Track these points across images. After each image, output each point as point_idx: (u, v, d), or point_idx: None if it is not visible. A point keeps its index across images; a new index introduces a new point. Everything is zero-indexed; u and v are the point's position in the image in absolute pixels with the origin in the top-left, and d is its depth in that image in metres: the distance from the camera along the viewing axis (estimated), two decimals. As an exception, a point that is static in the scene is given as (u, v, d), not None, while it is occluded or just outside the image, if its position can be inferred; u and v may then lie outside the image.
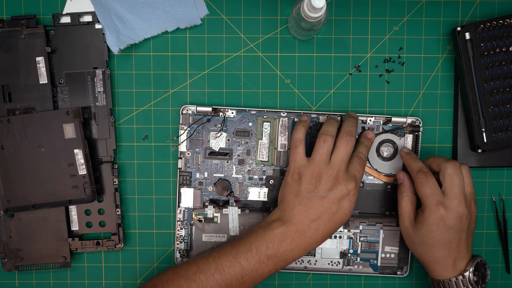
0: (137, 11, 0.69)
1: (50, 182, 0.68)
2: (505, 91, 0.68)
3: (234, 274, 0.61)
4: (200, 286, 0.61)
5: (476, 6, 0.71)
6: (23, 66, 0.68)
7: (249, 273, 0.61)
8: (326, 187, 0.62)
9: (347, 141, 0.63)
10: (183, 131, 0.70)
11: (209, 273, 0.61)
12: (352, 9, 0.71)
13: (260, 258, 0.61)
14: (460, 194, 0.62)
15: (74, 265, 0.72)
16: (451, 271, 0.64)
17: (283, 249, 0.61)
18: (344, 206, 0.62)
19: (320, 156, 0.63)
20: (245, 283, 0.62)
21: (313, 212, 0.62)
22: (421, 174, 0.64)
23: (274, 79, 0.72)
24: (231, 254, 0.62)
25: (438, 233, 0.62)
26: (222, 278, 0.61)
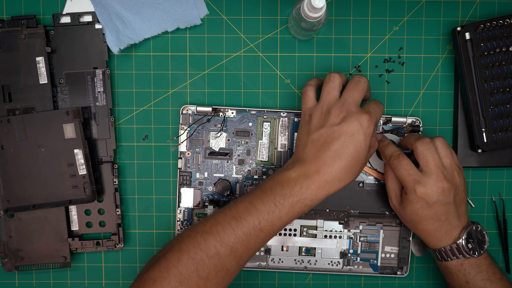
0: (137, 11, 0.69)
1: (50, 182, 0.68)
2: (505, 91, 0.68)
3: (250, 220, 0.58)
4: (217, 238, 0.58)
5: (476, 6, 0.71)
6: (23, 66, 0.68)
7: (265, 217, 0.58)
8: (336, 120, 0.59)
9: (358, 78, 0.61)
10: (183, 131, 0.70)
11: (226, 222, 0.58)
12: (352, 9, 0.71)
13: (276, 199, 0.58)
14: (436, 168, 0.61)
15: (74, 265, 0.72)
16: (445, 241, 0.63)
17: (299, 187, 0.58)
18: (358, 139, 0.59)
19: (328, 92, 0.61)
20: (262, 229, 0.58)
21: (325, 147, 0.59)
22: (393, 159, 0.63)
23: (274, 79, 0.72)
24: (247, 200, 0.59)
25: (422, 210, 0.62)
26: (239, 226, 0.58)
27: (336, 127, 0.59)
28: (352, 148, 0.59)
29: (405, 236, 0.71)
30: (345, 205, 0.71)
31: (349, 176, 0.59)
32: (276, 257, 0.72)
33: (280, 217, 0.58)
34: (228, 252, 0.58)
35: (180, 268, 0.57)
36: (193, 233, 0.59)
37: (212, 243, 0.58)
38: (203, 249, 0.58)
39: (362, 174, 0.71)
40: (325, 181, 0.58)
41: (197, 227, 0.60)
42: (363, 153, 0.59)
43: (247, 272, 0.73)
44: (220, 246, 0.58)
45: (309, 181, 0.58)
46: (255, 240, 0.59)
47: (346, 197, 0.71)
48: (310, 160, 0.59)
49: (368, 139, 0.59)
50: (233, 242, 0.58)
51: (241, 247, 0.58)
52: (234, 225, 0.58)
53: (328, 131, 0.59)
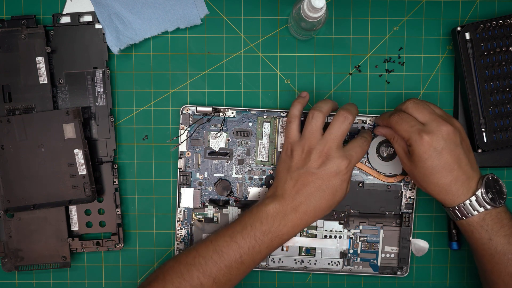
0: (137, 11, 0.69)
1: (50, 182, 0.68)
2: (505, 91, 0.68)
3: (232, 253, 0.61)
4: (200, 270, 0.61)
5: (476, 6, 0.71)
6: (23, 66, 0.68)
7: (246, 251, 0.61)
8: (316, 163, 0.61)
9: (343, 118, 0.62)
10: (183, 131, 0.70)
11: (208, 255, 0.61)
12: (352, 9, 0.71)
13: (256, 235, 0.61)
14: (434, 115, 0.61)
15: (74, 265, 0.72)
16: (462, 195, 0.61)
17: (277, 224, 0.61)
18: (335, 184, 0.61)
19: (310, 131, 0.62)
20: (244, 263, 0.61)
21: (303, 188, 0.61)
22: (394, 116, 0.63)
23: (274, 79, 0.72)
24: (227, 234, 0.62)
25: (432, 160, 0.60)
26: (221, 259, 0.61)
27: (315, 170, 0.61)
28: (328, 192, 0.62)
29: (405, 236, 0.71)
30: (345, 205, 0.71)
31: (324, 212, 0.63)
32: (276, 257, 0.72)
33: (260, 251, 0.62)
34: (211, 283, 0.61)
35: None
36: (176, 264, 0.62)
37: (195, 274, 0.61)
38: (187, 279, 0.61)
39: (362, 174, 0.71)
40: (300, 219, 0.62)
41: (180, 258, 0.63)
42: (340, 195, 0.63)
43: (247, 272, 0.73)
44: (203, 277, 0.61)
45: (286, 219, 0.61)
46: (237, 272, 0.62)
47: (346, 197, 0.71)
48: (287, 197, 0.62)
49: (345, 183, 0.62)
50: (216, 274, 0.61)
51: (223, 278, 0.61)
52: (216, 258, 0.61)
53: (307, 174, 0.62)
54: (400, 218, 0.71)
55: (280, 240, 0.62)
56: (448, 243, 0.73)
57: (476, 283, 0.73)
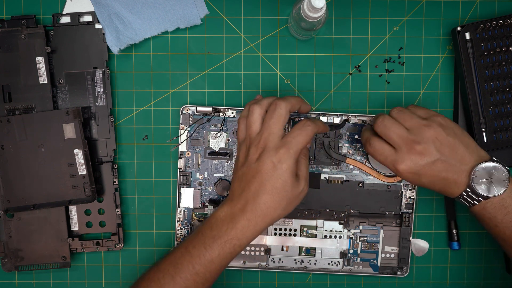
0: (137, 11, 0.69)
1: (50, 182, 0.68)
2: (505, 91, 0.68)
3: (185, 264, 0.59)
4: (158, 284, 0.60)
5: (476, 6, 0.71)
6: (23, 66, 0.68)
7: (198, 261, 0.59)
8: (254, 157, 0.59)
9: (274, 105, 0.59)
10: (183, 131, 0.70)
11: (165, 269, 0.60)
12: (352, 9, 0.71)
13: (205, 241, 0.59)
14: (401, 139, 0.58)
15: (74, 265, 0.72)
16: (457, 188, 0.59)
17: (225, 228, 0.59)
18: (274, 176, 0.58)
19: (249, 126, 0.61)
20: (198, 274, 0.59)
21: (246, 186, 0.59)
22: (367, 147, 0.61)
23: (274, 79, 0.72)
24: (183, 245, 0.61)
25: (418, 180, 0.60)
26: (176, 271, 0.59)
27: (253, 164, 0.59)
28: (270, 186, 0.58)
29: (405, 236, 0.71)
30: (345, 205, 0.71)
31: (274, 211, 0.59)
32: (276, 257, 0.72)
33: (211, 260, 0.59)
34: None
35: None
36: (139, 280, 0.62)
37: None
38: None
39: (362, 174, 0.71)
40: (249, 220, 0.59)
41: (143, 274, 0.63)
42: (285, 188, 0.58)
43: (247, 272, 0.73)
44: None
45: (234, 221, 0.59)
46: (194, 285, 0.60)
47: (346, 197, 0.71)
48: (236, 199, 0.60)
49: (288, 172, 0.58)
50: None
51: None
52: (172, 271, 0.60)
53: (247, 169, 0.59)
54: (400, 218, 0.71)
55: (231, 246, 0.59)
56: (448, 243, 0.73)
57: (476, 283, 0.74)
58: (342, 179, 0.71)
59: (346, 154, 0.71)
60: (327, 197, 0.71)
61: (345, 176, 0.71)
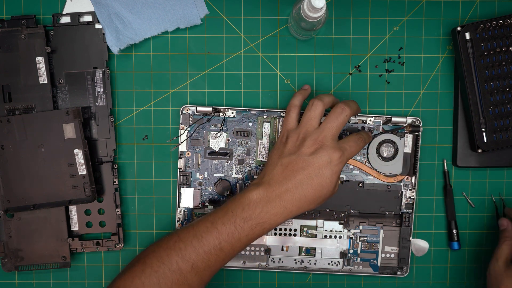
0: (137, 11, 0.69)
1: (50, 182, 0.68)
2: (505, 91, 0.68)
3: (211, 239, 0.60)
4: (179, 254, 0.60)
5: (476, 6, 0.71)
6: (23, 66, 0.68)
7: (225, 238, 0.60)
8: (308, 150, 0.60)
9: (341, 109, 0.62)
10: (183, 131, 0.70)
11: (188, 240, 0.60)
12: (352, 9, 0.71)
13: (236, 221, 0.60)
14: None
15: (74, 265, 0.72)
16: None
17: (258, 211, 0.60)
18: (325, 174, 0.60)
19: (308, 118, 0.62)
20: (222, 249, 0.60)
21: (291, 174, 0.60)
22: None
23: (274, 79, 0.72)
24: (209, 220, 0.61)
25: None
26: (200, 244, 0.60)
27: (306, 157, 0.60)
28: (316, 182, 0.60)
29: (405, 236, 0.71)
30: (345, 205, 0.71)
31: (309, 205, 0.61)
32: (276, 257, 0.72)
33: (239, 239, 0.60)
34: (189, 268, 0.60)
35: (143, 279, 0.60)
36: (157, 248, 0.62)
37: (174, 259, 0.60)
38: (166, 264, 0.60)
39: (362, 174, 0.71)
40: (284, 208, 0.60)
41: (161, 242, 0.62)
42: (328, 188, 0.61)
43: (247, 272, 0.73)
44: (182, 262, 0.60)
45: (269, 206, 0.60)
46: (216, 259, 0.61)
47: (346, 197, 0.71)
48: (274, 184, 0.60)
49: (335, 176, 0.61)
50: (194, 259, 0.60)
51: (202, 264, 0.60)
52: (195, 243, 0.60)
53: (298, 159, 0.60)
54: (400, 218, 0.71)
55: (261, 229, 0.60)
56: (448, 243, 0.73)
57: (476, 283, 0.73)
58: (342, 179, 0.71)
59: (346, 154, 0.71)
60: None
61: (345, 176, 0.71)
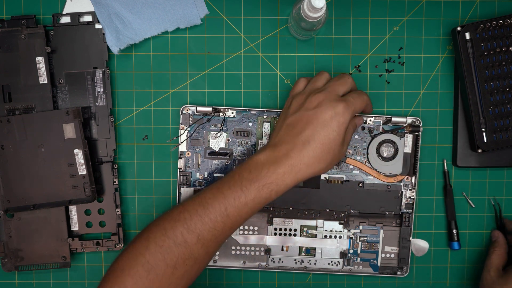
0: (137, 11, 0.69)
1: (50, 182, 0.68)
2: (505, 91, 0.68)
3: (217, 205, 0.58)
4: (184, 225, 0.58)
5: (476, 6, 0.71)
6: (23, 66, 0.68)
7: (232, 203, 0.58)
8: (311, 104, 0.59)
9: (343, 75, 0.62)
10: (183, 131, 0.70)
11: (193, 209, 0.59)
12: (352, 9, 0.71)
13: (243, 184, 0.58)
14: None
15: (74, 265, 0.72)
16: None
17: (265, 171, 0.58)
18: (331, 126, 0.58)
19: (313, 81, 0.62)
20: (229, 216, 0.58)
21: (297, 131, 0.59)
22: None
23: (274, 79, 0.72)
24: (215, 186, 0.60)
25: None
26: (206, 212, 0.58)
27: (310, 111, 0.59)
28: (323, 135, 0.58)
29: (405, 236, 0.71)
30: (345, 205, 0.71)
31: (318, 163, 0.59)
32: (276, 257, 0.72)
33: (246, 203, 0.58)
34: (195, 240, 0.58)
35: (148, 256, 0.58)
36: (161, 221, 0.60)
37: (179, 230, 0.58)
38: (170, 237, 0.58)
39: (362, 174, 0.71)
40: (292, 165, 0.58)
41: (165, 214, 0.60)
42: (335, 142, 0.59)
43: (247, 272, 0.73)
44: (187, 233, 0.58)
45: (276, 165, 0.58)
46: (222, 228, 0.58)
47: (346, 197, 0.71)
48: (281, 144, 0.59)
49: (342, 128, 0.59)
50: (200, 229, 0.58)
51: (208, 234, 0.58)
52: (201, 212, 0.58)
53: (302, 115, 0.59)
54: (400, 218, 0.71)
55: (268, 191, 0.58)
56: (448, 243, 0.73)
57: (476, 283, 0.73)
58: (342, 179, 0.71)
59: (346, 154, 0.71)
60: (327, 197, 0.71)
61: (345, 176, 0.71)
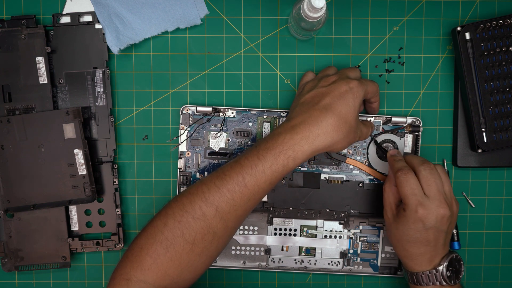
0: (137, 11, 0.69)
1: (50, 182, 0.68)
2: (505, 91, 0.68)
3: (234, 176, 0.58)
4: (202, 198, 0.58)
5: (476, 6, 0.71)
6: (23, 66, 0.68)
7: (249, 171, 0.58)
8: (327, 82, 0.61)
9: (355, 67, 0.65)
10: (183, 131, 0.70)
11: (211, 182, 0.59)
12: (352, 9, 0.71)
13: (259, 152, 0.58)
14: (439, 194, 0.61)
15: (74, 265, 0.72)
16: (425, 266, 0.63)
17: (282, 139, 0.58)
18: (347, 97, 0.59)
19: (324, 70, 0.66)
20: (247, 186, 0.58)
21: (313, 104, 0.60)
22: (401, 174, 0.62)
23: (274, 79, 0.72)
24: (234, 160, 0.60)
25: (415, 232, 0.61)
26: (223, 183, 0.58)
27: (325, 88, 0.61)
28: (340, 104, 0.59)
29: (405, 236, 0.71)
30: (345, 205, 0.71)
31: (336, 132, 0.59)
32: (276, 257, 0.72)
33: (263, 171, 0.58)
34: (213, 212, 0.58)
35: (166, 233, 0.58)
36: (179, 197, 0.60)
37: (197, 204, 0.58)
38: (189, 211, 0.58)
39: (362, 174, 0.71)
40: (310, 131, 0.58)
41: (184, 191, 0.61)
42: (351, 114, 0.60)
43: (247, 272, 0.73)
44: (206, 206, 0.58)
45: (293, 131, 0.58)
46: (240, 198, 0.58)
47: (346, 197, 0.71)
48: (297, 116, 0.60)
49: (356, 102, 0.60)
50: (218, 201, 0.58)
51: (227, 206, 0.58)
52: (218, 183, 0.58)
53: (317, 91, 0.61)
54: (400, 218, 0.71)
55: (285, 157, 0.58)
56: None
57: (476, 283, 0.73)
58: (342, 179, 0.71)
59: (346, 154, 0.71)
60: (327, 197, 0.71)
61: (345, 176, 0.71)
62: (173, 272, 0.58)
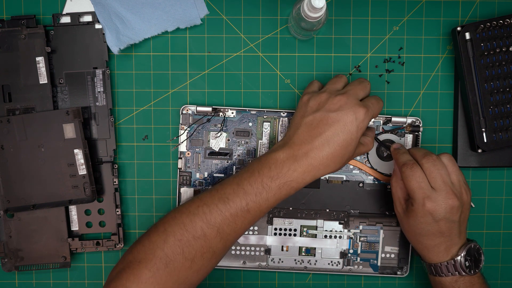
0: (137, 11, 0.69)
1: (50, 182, 0.68)
2: (505, 91, 0.68)
3: (238, 201, 0.58)
4: (204, 219, 0.58)
5: (476, 6, 0.71)
6: (23, 66, 0.68)
7: (253, 199, 0.58)
8: (333, 106, 0.60)
9: (362, 80, 0.63)
10: (183, 131, 0.70)
11: (213, 204, 0.59)
12: (352, 9, 0.71)
13: (263, 180, 0.58)
14: (445, 185, 0.61)
15: (74, 265, 0.72)
16: (443, 257, 0.63)
17: (286, 169, 0.59)
18: (351, 130, 0.59)
19: (333, 82, 0.63)
20: (250, 211, 0.59)
21: (317, 132, 0.59)
22: (406, 168, 0.62)
23: (274, 79, 0.72)
24: (234, 182, 0.60)
25: (426, 225, 0.61)
26: (226, 207, 0.58)
27: (332, 113, 0.59)
28: (343, 138, 0.59)
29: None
30: (345, 205, 0.71)
31: (335, 164, 0.60)
32: (276, 257, 0.72)
33: (267, 199, 0.59)
34: (214, 233, 0.58)
35: (166, 249, 0.58)
36: (178, 214, 0.60)
37: (198, 225, 0.58)
38: (190, 231, 0.58)
39: (362, 174, 0.71)
40: (312, 165, 0.59)
41: (182, 208, 0.60)
42: (353, 144, 0.60)
43: (247, 272, 0.73)
44: (207, 227, 0.58)
45: (296, 164, 0.59)
46: (242, 221, 0.59)
47: (346, 197, 0.71)
48: (300, 143, 0.60)
49: (360, 132, 0.60)
50: (220, 223, 0.58)
51: (228, 228, 0.59)
52: (221, 206, 0.59)
53: (323, 116, 0.60)
54: (400, 218, 0.71)
55: (288, 188, 0.59)
56: (448, 243, 0.73)
57: (476, 283, 0.74)
58: (342, 179, 0.71)
59: (346, 154, 0.71)
60: (327, 197, 0.71)
61: (345, 176, 0.71)
62: (170, 287, 0.59)
